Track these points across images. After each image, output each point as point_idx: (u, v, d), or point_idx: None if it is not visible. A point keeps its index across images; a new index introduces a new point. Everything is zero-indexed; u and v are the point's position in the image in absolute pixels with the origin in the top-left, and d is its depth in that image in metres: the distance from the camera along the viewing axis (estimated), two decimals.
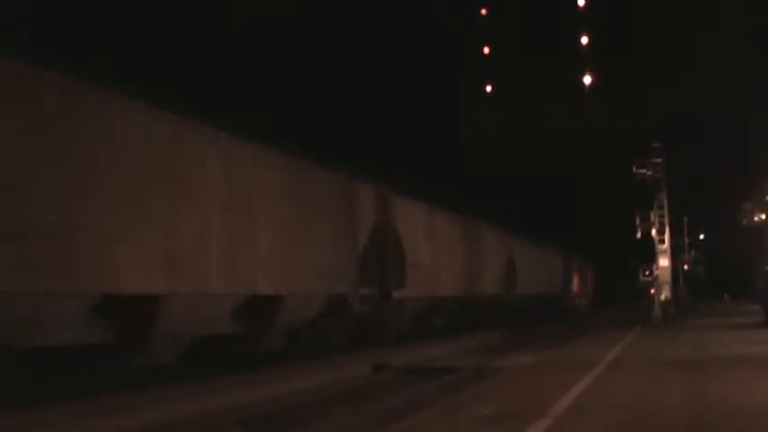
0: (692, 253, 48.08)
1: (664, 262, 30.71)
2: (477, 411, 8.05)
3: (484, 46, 32.16)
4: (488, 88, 31.86)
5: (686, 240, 46.95)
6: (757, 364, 12.04)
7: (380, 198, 17.06)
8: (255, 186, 12.29)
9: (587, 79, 31.56)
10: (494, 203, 32.01)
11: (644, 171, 30.10)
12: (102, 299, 9.11)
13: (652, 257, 30.58)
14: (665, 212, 30.96)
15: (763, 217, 25.80)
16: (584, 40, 32.01)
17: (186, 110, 10.98)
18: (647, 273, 30.58)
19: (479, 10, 32.33)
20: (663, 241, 30.87)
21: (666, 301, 29.77)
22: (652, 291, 29.60)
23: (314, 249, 13.93)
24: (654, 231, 30.58)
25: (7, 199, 8.07)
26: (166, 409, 8.26)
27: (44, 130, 8.66)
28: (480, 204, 27.86)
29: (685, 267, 45.53)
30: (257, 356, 12.50)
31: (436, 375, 11.56)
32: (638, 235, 31.15)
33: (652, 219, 30.69)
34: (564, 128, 30.48)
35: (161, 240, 10.08)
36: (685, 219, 44.32)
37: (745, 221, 27.86)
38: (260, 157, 12.64)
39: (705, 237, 55.81)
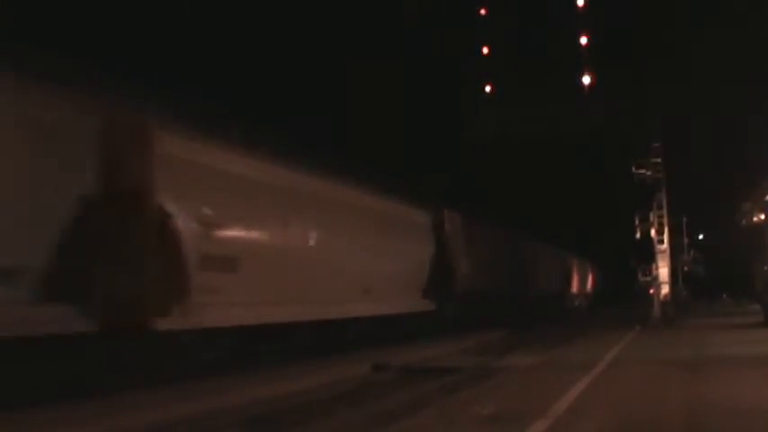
0: (692, 253, 47.99)
1: (663, 262, 30.68)
2: (476, 411, 8.05)
3: (484, 47, 32.18)
4: (488, 89, 31.88)
5: (685, 240, 46.90)
6: (757, 365, 12.03)
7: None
8: None
9: (587, 79, 31.56)
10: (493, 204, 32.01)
11: (643, 171, 30.03)
12: None
13: (651, 258, 30.53)
14: (665, 213, 30.90)
15: (763, 217, 25.74)
16: (584, 40, 32.01)
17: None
18: (646, 273, 30.52)
19: (479, 10, 32.37)
20: (662, 241, 30.82)
21: (665, 302, 29.74)
22: (651, 291, 29.54)
23: None
24: (653, 232, 30.53)
25: None
26: (167, 408, 8.26)
27: None
28: (480, 204, 27.83)
29: (685, 268, 45.46)
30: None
31: (436, 375, 11.58)
32: (638, 235, 31.09)
33: (651, 219, 30.63)
34: (564, 128, 30.47)
35: None
36: (684, 219, 44.27)
37: (744, 222, 27.81)
38: None
39: (704, 237, 55.72)
